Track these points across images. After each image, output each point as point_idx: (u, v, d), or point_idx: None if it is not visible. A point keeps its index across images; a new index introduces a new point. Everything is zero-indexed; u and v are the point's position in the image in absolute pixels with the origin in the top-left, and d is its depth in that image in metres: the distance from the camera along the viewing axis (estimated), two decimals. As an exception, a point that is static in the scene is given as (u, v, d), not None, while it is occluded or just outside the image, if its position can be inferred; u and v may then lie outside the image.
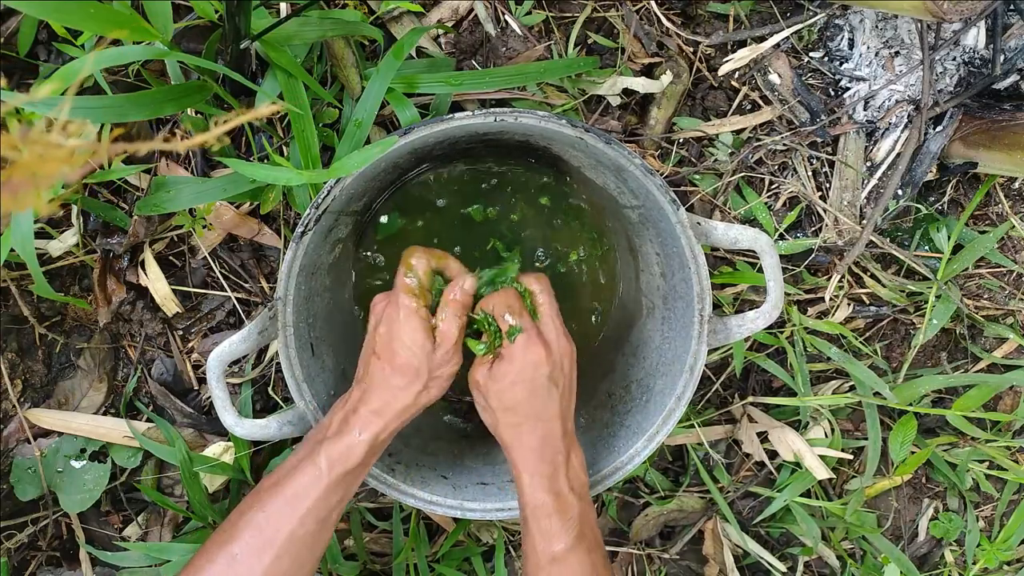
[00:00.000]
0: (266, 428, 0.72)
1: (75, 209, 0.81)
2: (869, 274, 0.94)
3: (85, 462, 0.86)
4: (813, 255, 0.91)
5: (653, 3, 0.85)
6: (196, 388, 0.89)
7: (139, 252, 0.84)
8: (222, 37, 0.68)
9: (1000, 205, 0.95)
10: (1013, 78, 0.89)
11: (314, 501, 0.63)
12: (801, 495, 0.96)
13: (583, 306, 0.89)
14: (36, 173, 0.24)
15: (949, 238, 0.93)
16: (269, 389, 0.87)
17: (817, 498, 0.97)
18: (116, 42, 0.75)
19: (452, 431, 0.88)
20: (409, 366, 0.66)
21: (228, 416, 0.70)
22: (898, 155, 0.90)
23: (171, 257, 0.86)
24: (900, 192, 0.91)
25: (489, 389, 0.68)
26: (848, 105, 0.88)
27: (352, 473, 0.64)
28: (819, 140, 0.88)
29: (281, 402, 0.87)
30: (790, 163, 0.90)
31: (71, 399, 0.88)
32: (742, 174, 0.88)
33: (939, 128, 0.89)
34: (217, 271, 0.85)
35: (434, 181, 0.85)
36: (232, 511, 0.66)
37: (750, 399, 0.95)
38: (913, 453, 0.96)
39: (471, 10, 0.83)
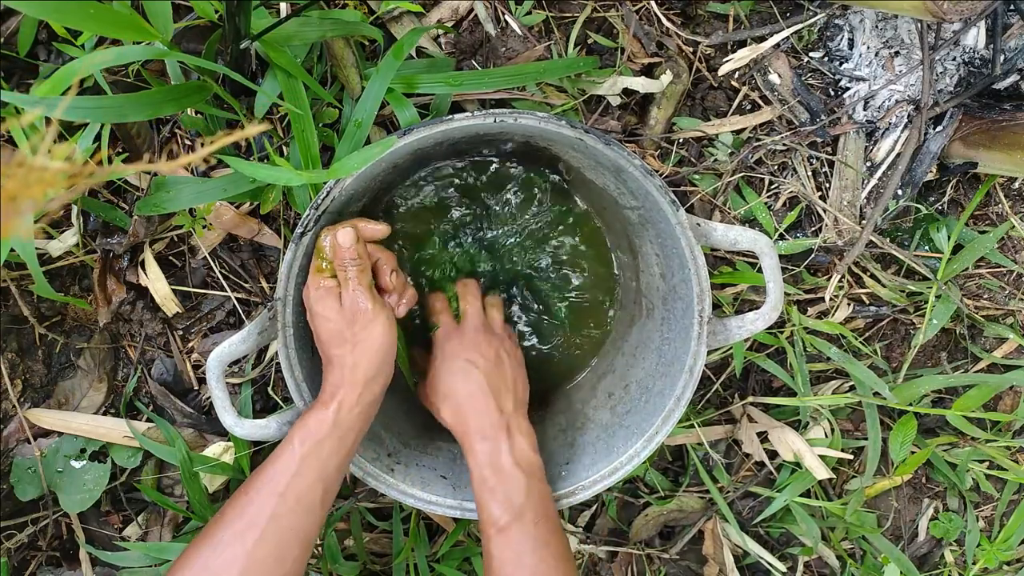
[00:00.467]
0: (266, 428, 0.72)
1: (75, 209, 0.81)
2: (869, 274, 0.94)
3: (85, 462, 0.86)
4: (813, 255, 0.91)
5: (653, 3, 0.85)
6: (196, 388, 0.89)
7: (139, 252, 0.84)
8: (222, 37, 0.68)
9: (1000, 205, 0.95)
10: (1013, 78, 0.89)
11: (291, 478, 0.63)
12: (801, 495, 0.96)
13: (583, 306, 0.89)
14: (19, 198, 0.24)
15: (949, 238, 0.93)
16: (269, 389, 0.87)
17: (817, 498, 0.97)
18: (116, 42, 0.75)
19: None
20: (332, 332, 0.67)
21: (228, 416, 0.70)
22: (898, 155, 0.90)
23: (171, 257, 0.86)
24: (900, 192, 0.91)
25: (430, 385, 0.76)
26: (848, 105, 0.88)
27: (324, 445, 0.65)
28: (819, 140, 0.88)
29: (281, 402, 0.87)
30: (790, 163, 0.90)
31: (71, 399, 0.88)
32: (742, 174, 0.88)
33: (939, 128, 0.89)
34: (217, 271, 0.86)
35: (433, 181, 0.85)
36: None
37: (750, 399, 0.95)
38: (913, 453, 0.96)
39: (471, 10, 0.83)
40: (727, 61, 0.86)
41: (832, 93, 0.89)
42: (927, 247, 0.95)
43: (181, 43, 0.76)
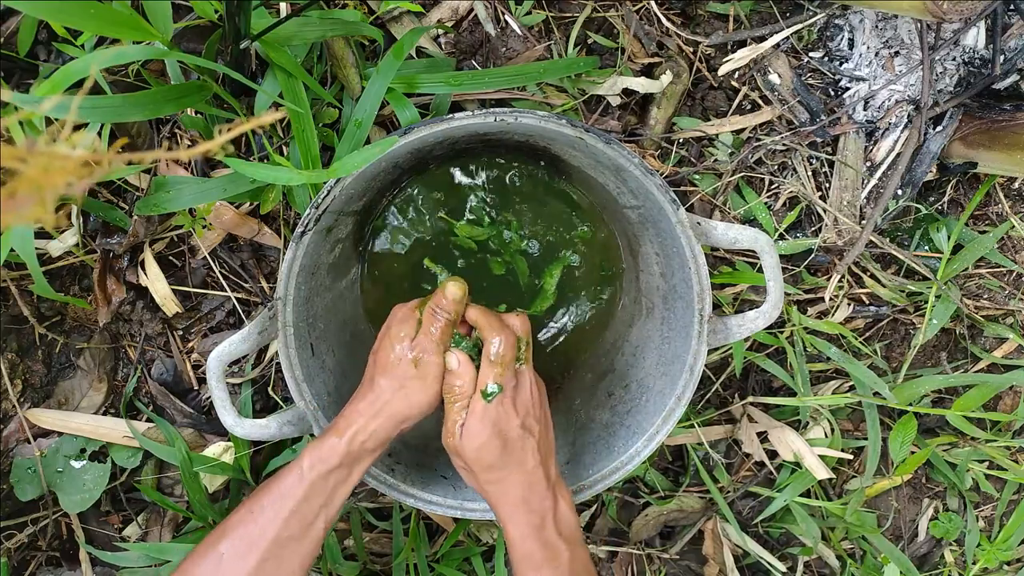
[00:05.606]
0: (266, 428, 0.72)
1: (75, 209, 0.81)
2: (869, 274, 0.94)
3: (85, 462, 0.86)
4: (813, 255, 0.91)
5: (653, 3, 0.85)
6: (196, 388, 0.89)
7: (139, 252, 0.84)
8: (222, 37, 0.68)
9: (1000, 205, 0.95)
10: (1013, 78, 0.89)
11: (297, 503, 0.63)
12: (801, 495, 0.96)
13: (584, 306, 0.89)
14: (41, 185, 0.24)
15: (949, 238, 0.93)
16: (269, 389, 0.87)
17: (817, 498, 0.97)
18: (116, 42, 0.75)
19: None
20: (389, 360, 0.66)
21: (228, 416, 0.70)
22: (898, 155, 0.90)
23: (171, 257, 0.86)
24: (900, 192, 0.91)
25: (464, 450, 0.66)
26: (848, 105, 0.88)
27: (333, 475, 0.64)
28: (819, 140, 0.88)
29: (281, 402, 0.87)
30: (790, 163, 0.90)
31: (71, 399, 0.88)
32: (742, 174, 0.88)
33: (939, 128, 0.89)
34: (217, 271, 0.85)
35: (433, 181, 0.85)
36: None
37: (750, 399, 0.95)
38: (913, 453, 0.96)
39: (471, 10, 0.83)
40: (727, 61, 0.86)
41: (832, 93, 0.89)
42: (927, 247, 0.95)
43: (181, 43, 0.76)
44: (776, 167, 0.90)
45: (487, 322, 0.68)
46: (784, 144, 0.88)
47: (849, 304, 0.94)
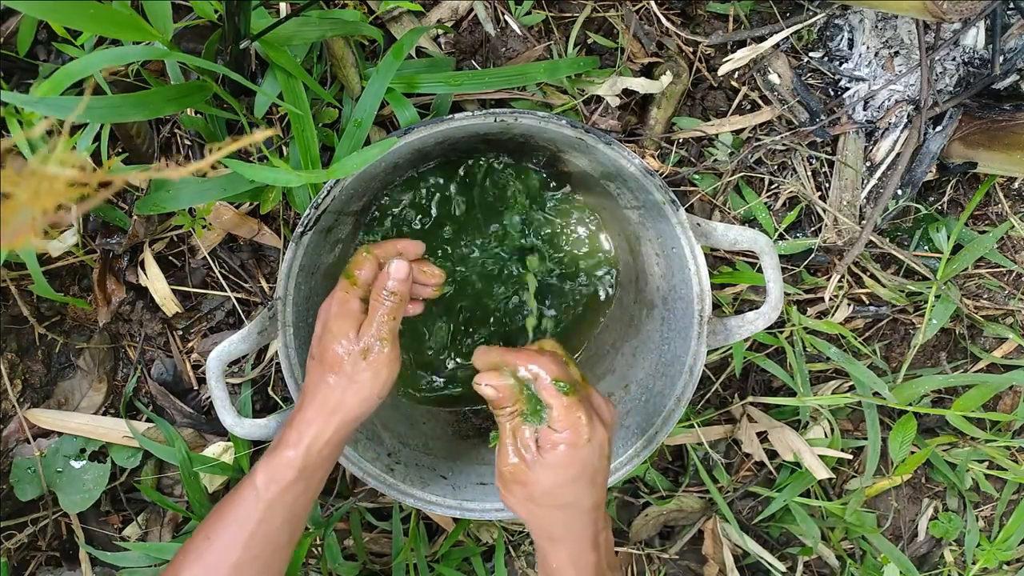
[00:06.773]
0: (266, 428, 0.72)
1: (75, 209, 0.81)
2: (869, 274, 0.94)
3: (85, 462, 0.86)
4: (813, 255, 0.91)
5: (653, 3, 0.85)
6: (196, 388, 0.89)
7: (139, 252, 0.84)
8: (222, 37, 0.68)
9: (1000, 205, 0.95)
10: (1013, 78, 0.89)
11: (256, 524, 0.59)
12: (801, 495, 0.96)
13: (583, 306, 0.89)
14: (30, 208, 0.24)
15: (949, 238, 0.93)
16: (269, 389, 0.87)
17: (817, 498, 0.97)
18: (116, 42, 0.75)
19: (452, 431, 0.88)
20: (335, 358, 0.61)
21: (228, 416, 0.70)
22: (898, 155, 0.90)
23: (171, 257, 0.86)
24: (900, 192, 0.91)
25: (540, 484, 0.57)
26: (848, 105, 0.88)
27: (290, 490, 0.60)
28: (819, 140, 0.88)
29: (281, 402, 0.87)
30: (790, 163, 0.90)
31: (71, 399, 0.88)
32: (742, 174, 0.88)
33: (939, 128, 0.89)
34: (217, 271, 0.86)
35: (433, 181, 0.85)
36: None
37: (750, 399, 0.95)
38: (913, 453, 0.96)
39: (471, 10, 0.83)
40: (727, 61, 0.86)
41: (832, 93, 0.89)
42: (927, 247, 0.95)
43: (181, 43, 0.76)
44: (776, 167, 0.90)
45: (515, 358, 0.58)
46: (784, 144, 0.88)
47: (849, 304, 0.94)
